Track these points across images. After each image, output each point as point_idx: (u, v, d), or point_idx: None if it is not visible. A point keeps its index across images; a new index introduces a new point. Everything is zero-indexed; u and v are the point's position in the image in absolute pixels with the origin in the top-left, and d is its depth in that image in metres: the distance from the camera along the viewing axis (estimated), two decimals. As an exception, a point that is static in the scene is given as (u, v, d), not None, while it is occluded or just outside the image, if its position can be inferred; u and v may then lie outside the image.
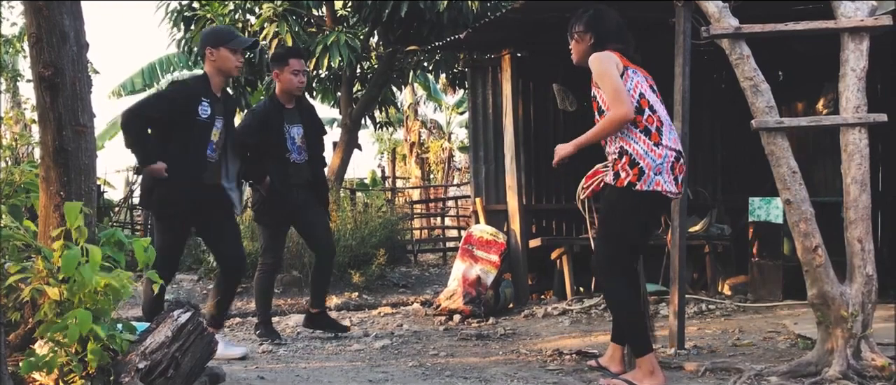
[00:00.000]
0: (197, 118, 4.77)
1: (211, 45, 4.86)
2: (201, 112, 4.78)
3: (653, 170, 3.96)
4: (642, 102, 4.04)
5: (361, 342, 5.80)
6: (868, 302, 4.10)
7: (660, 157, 3.98)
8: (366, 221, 10.04)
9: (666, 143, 4.02)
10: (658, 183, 3.98)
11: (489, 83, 8.30)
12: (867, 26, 4.23)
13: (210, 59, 4.88)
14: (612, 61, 4.04)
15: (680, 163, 4.07)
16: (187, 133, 4.75)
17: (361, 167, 38.78)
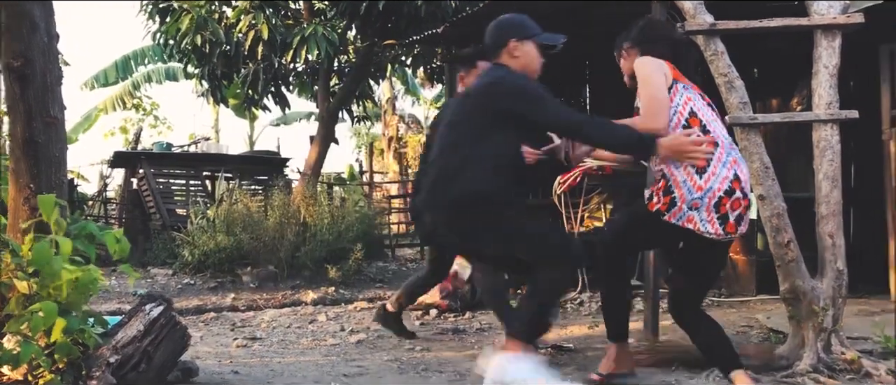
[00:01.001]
0: None
1: (516, 37, 3.90)
2: None
3: (687, 204, 3.44)
4: (692, 121, 3.55)
5: (337, 337, 5.78)
6: (839, 296, 4.14)
7: (700, 191, 3.43)
8: (342, 216, 10.01)
9: (715, 172, 3.46)
10: (691, 219, 3.45)
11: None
12: (840, 24, 4.27)
13: (511, 54, 3.86)
14: (659, 69, 3.60)
15: (735, 199, 3.46)
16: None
17: (339, 161, 38.71)
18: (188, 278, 9.43)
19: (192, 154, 14.13)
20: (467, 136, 3.68)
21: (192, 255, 9.46)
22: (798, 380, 3.93)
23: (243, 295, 8.49)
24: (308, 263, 9.31)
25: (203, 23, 9.70)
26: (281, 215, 9.56)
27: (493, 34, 3.93)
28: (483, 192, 3.59)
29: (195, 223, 9.94)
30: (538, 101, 3.67)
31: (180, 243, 9.73)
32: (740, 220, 3.50)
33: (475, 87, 3.90)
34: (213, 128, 23.60)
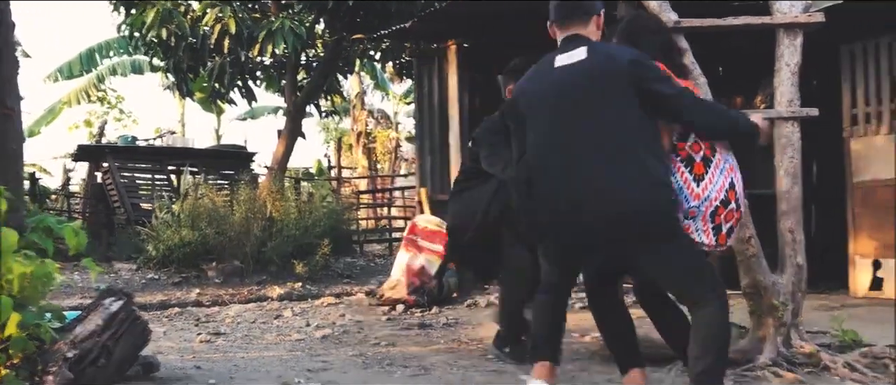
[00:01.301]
0: None
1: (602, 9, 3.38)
2: None
3: (683, 213, 3.14)
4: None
5: (302, 332, 5.75)
6: (798, 291, 4.20)
7: (697, 199, 3.14)
8: (310, 211, 9.96)
9: (712, 180, 3.18)
10: (687, 229, 3.15)
11: (435, 73, 8.30)
12: (801, 23, 4.33)
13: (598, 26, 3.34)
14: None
15: (730, 210, 3.20)
16: None
17: (307, 156, 38.53)
18: (152, 273, 9.33)
19: (157, 148, 13.97)
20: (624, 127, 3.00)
21: (157, 250, 9.36)
22: (758, 373, 3.98)
23: (208, 290, 8.42)
24: (274, 258, 9.26)
25: (168, 15, 9.58)
26: (247, 210, 9.49)
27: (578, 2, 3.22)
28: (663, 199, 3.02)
29: (160, 218, 9.84)
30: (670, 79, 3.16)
31: (145, 238, 9.61)
32: (731, 233, 3.27)
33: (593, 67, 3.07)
34: (179, 121, 23.35)
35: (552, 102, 3.10)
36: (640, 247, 3.01)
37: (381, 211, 17.26)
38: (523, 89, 3.25)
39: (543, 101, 3.13)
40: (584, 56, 3.06)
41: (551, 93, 3.11)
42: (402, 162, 22.52)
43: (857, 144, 7.46)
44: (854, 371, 3.98)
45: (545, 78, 3.16)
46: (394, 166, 22.28)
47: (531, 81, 3.23)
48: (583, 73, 3.06)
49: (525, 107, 3.21)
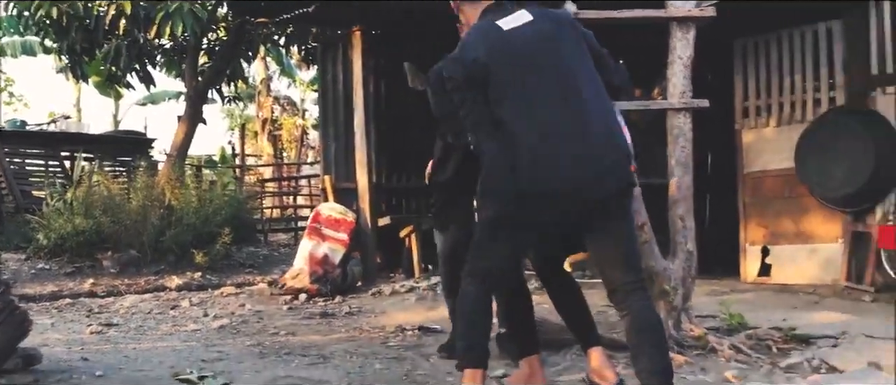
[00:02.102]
0: None
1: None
2: None
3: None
4: None
5: (199, 322, 5.62)
6: (688, 276, 4.34)
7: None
8: (211, 199, 9.71)
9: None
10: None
11: (340, 59, 8.22)
12: (693, 17, 4.46)
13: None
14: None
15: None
16: None
17: (212, 144, 37.57)
18: (43, 263, 8.91)
19: (49, 133, 13.37)
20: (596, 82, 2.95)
21: (48, 239, 8.96)
22: (649, 356, 4.09)
23: (103, 280, 8.12)
24: (173, 248, 8.99)
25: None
26: (145, 198, 9.18)
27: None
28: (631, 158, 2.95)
29: (51, 205, 9.42)
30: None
31: (35, 226, 9.19)
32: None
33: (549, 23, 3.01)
34: (74, 106, 22.41)
35: (526, 66, 2.92)
36: (621, 204, 2.95)
37: (286, 199, 17.00)
38: (481, 55, 2.93)
39: (514, 65, 2.93)
40: (531, 18, 2.98)
41: (521, 56, 2.93)
42: (309, 150, 22.24)
43: (748, 136, 7.77)
44: (739, 352, 4.15)
45: (503, 41, 2.95)
46: (300, 154, 21.97)
47: (486, 47, 2.95)
48: (542, 34, 2.97)
49: (496, 73, 2.92)
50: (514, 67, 2.92)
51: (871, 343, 4.30)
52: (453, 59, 3.04)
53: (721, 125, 8.07)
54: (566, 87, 2.89)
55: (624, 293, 2.92)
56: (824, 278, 6.99)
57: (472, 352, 3.04)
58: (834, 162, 6.67)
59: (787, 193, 7.37)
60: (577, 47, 2.99)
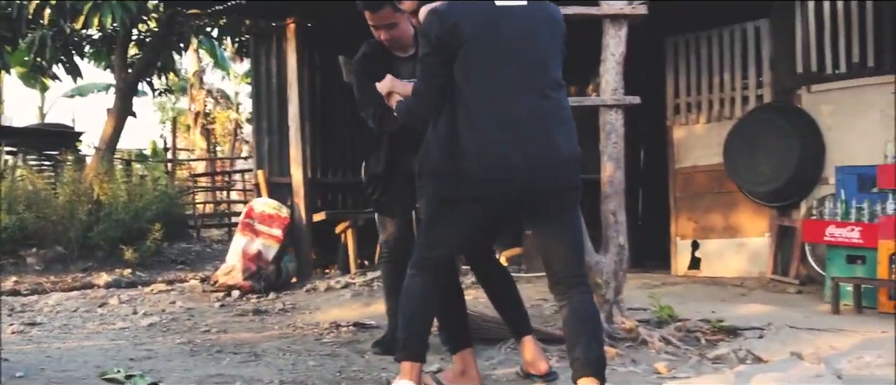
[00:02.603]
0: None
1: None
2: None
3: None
4: None
5: (127, 320, 5.48)
6: (620, 270, 4.40)
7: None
8: (141, 194, 9.50)
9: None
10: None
11: (274, 52, 8.09)
12: (625, 14, 4.52)
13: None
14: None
15: None
16: None
17: (143, 137, 36.69)
18: (-38, 261, 8.60)
19: (-31, 126, 12.89)
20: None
21: (-33, 236, 8.63)
22: (582, 349, 4.14)
23: (27, 278, 7.87)
24: (102, 244, 8.76)
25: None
26: (72, 193, 8.94)
27: None
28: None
29: (-29, 201, 9.08)
30: None
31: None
32: None
33: (538, 13, 2.98)
34: (-3, 98, 21.62)
35: (505, 48, 2.88)
36: (570, 199, 2.98)
37: (220, 195, 16.71)
38: (464, 24, 2.84)
39: (494, 45, 2.88)
40: (526, 2, 2.94)
41: (502, 38, 2.88)
42: (244, 144, 21.90)
43: (679, 132, 7.93)
44: (669, 344, 4.23)
45: (489, 17, 2.88)
46: (234, 148, 21.62)
47: (472, 17, 2.87)
48: (529, 21, 2.93)
49: (472, 46, 2.85)
50: (491, 48, 2.88)
51: (794, 334, 4.44)
52: (437, 12, 2.92)
53: (653, 121, 8.22)
54: (534, 83, 2.90)
55: (566, 286, 2.96)
56: (752, 271, 7.18)
57: (413, 344, 3.03)
58: (761, 158, 6.85)
59: (717, 189, 7.55)
60: (555, 45, 3.00)
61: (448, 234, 3.01)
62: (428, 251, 3.02)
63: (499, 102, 2.86)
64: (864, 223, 5.42)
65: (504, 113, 2.85)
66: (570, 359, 2.93)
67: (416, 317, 3.05)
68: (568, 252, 2.99)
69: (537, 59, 2.93)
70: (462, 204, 2.93)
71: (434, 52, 2.89)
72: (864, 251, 5.39)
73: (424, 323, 3.11)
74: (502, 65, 2.88)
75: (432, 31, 2.89)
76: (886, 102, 6.20)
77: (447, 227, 3.00)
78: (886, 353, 3.91)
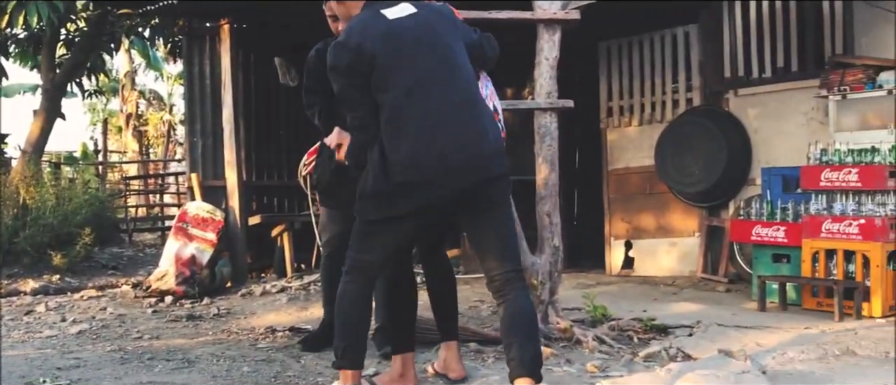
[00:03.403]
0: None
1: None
2: None
3: None
4: None
5: (55, 328, 5.32)
6: (555, 271, 4.47)
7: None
8: (70, 198, 9.22)
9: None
10: None
11: (207, 53, 7.96)
12: (559, 19, 4.60)
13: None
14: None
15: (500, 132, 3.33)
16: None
17: (73, 139, 35.65)
18: None
19: None
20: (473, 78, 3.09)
21: None
22: (518, 350, 4.18)
23: (-53, 287, 7.56)
24: (28, 250, 8.47)
25: None
26: (-5, 197, 8.62)
27: None
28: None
29: None
30: None
31: None
32: None
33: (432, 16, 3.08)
34: (-86, 98, 20.76)
35: (410, 54, 2.96)
36: (498, 191, 3.01)
37: (153, 198, 16.37)
38: (367, 43, 2.94)
39: (399, 52, 2.96)
40: (415, 10, 3.04)
41: (406, 44, 2.97)
42: (177, 146, 21.48)
43: (612, 135, 8.08)
44: (602, 343, 4.31)
45: (387, 31, 2.98)
46: (168, 151, 21.20)
47: (372, 35, 2.96)
48: (425, 25, 3.03)
49: (381, 59, 2.93)
50: (398, 56, 2.95)
51: (723, 331, 4.57)
52: (339, 44, 3.01)
53: (588, 124, 8.36)
54: (446, 78, 2.97)
55: (502, 282, 3.00)
56: (683, 270, 7.36)
57: (351, 352, 3.05)
58: (690, 160, 7.03)
59: (649, 190, 7.71)
60: (455, 38, 3.07)
61: (380, 240, 3.04)
62: (360, 255, 3.05)
63: (419, 105, 2.91)
64: (788, 223, 5.60)
65: (426, 114, 2.91)
66: (506, 358, 2.98)
67: (352, 324, 3.06)
68: (502, 248, 3.03)
69: (444, 55, 3.00)
70: (392, 222, 2.97)
71: (351, 81, 2.97)
72: (789, 250, 5.58)
73: (362, 329, 3.11)
74: (413, 70, 2.94)
75: (341, 62, 2.97)
76: (810, 106, 6.43)
77: (375, 243, 3.04)
78: (809, 349, 4.06)
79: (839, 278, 5.17)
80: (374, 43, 2.94)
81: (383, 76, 2.93)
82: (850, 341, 4.19)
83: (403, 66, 2.94)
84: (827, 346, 4.09)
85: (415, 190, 2.91)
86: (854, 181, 5.16)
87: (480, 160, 2.93)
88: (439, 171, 2.89)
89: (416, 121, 2.90)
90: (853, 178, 5.16)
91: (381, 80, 2.93)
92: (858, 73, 5.56)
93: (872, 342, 4.17)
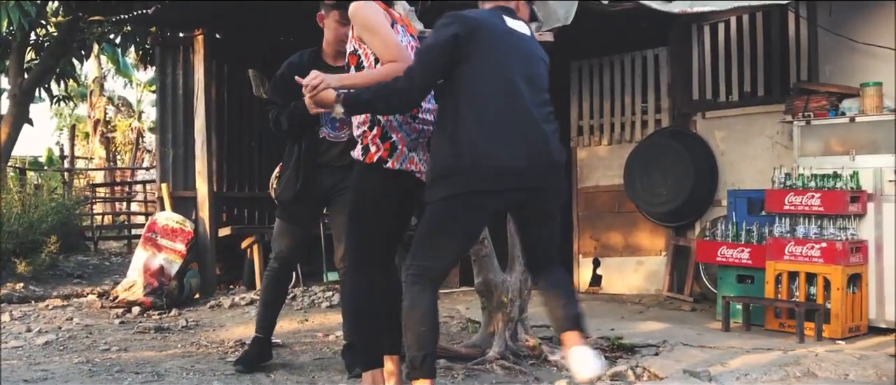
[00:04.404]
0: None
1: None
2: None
3: (407, 146, 3.43)
4: None
5: (21, 338, 5.26)
6: (525, 288, 4.53)
7: (415, 132, 3.44)
8: (36, 205, 9.13)
9: (423, 116, 3.46)
10: (412, 161, 3.44)
11: (180, 63, 7.93)
12: (533, 40, 4.66)
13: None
14: (377, 10, 3.43)
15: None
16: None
17: (38, 144, 35.10)
18: None
19: None
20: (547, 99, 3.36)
21: None
22: (487, 366, 4.24)
23: None
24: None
25: None
26: (-41, 203, 8.50)
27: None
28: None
29: None
30: None
31: None
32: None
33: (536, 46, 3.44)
34: None
35: (515, 56, 3.25)
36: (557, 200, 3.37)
37: (119, 206, 16.20)
38: (482, 29, 3.20)
39: (507, 52, 3.23)
40: (528, 33, 3.40)
41: (513, 48, 3.26)
42: (146, 153, 21.26)
43: (582, 153, 8.18)
44: (570, 362, 4.35)
45: (503, 32, 3.26)
46: (136, 158, 20.97)
47: (488, 28, 3.23)
48: (529, 44, 3.36)
49: (482, 46, 3.18)
50: (501, 57, 3.20)
51: (687, 350, 4.65)
52: (458, 15, 3.23)
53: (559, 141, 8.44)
54: (533, 93, 3.25)
55: (541, 268, 3.38)
56: (649, 289, 7.46)
57: (430, 361, 3.15)
58: (659, 180, 7.14)
59: (617, 208, 7.81)
60: (544, 72, 3.39)
61: (454, 237, 3.21)
62: (425, 263, 3.16)
63: (507, 105, 3.16)
64: (752, 245, 5.72)
65: (512, 115, 3.16)
66: (551, 319, 3.40)
67: (429, 330, 3.16)
68: (547, 247, 3.38)
69: (535, 76, 3.30)
70: (471, 200, 3.12)
71: (444, 49, 3.15)
72: (753, 271, 5.69)
73: (435, 337, 3.26)
74: (509, 73, 3.20)
75: (450, 29, 3.17)
76: (775, 130, 6.57)
77: (455, 229, 3.18)
78: (771, 370, 4.16)
79: (801, 300, 5.28)
80: (487, 34, 3.20)
81: (482, 67, 3.16)
82: (811, 363, 4.30)
83: (505, 67, 3.20)
84: (788, 368, 4.19)
85: (491, 174, 3.10)
86: (816, 205, 5.29)
87: (547, 171, 3.23)
88: (514, 167, 3.12)
89: (504, 119, 3.14)
90: (816, 202, 5.29)
91: (479, 69, 3.16)
92: (822, 100, 5.70)
93: (832, 364, 4.28)
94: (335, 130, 4.17)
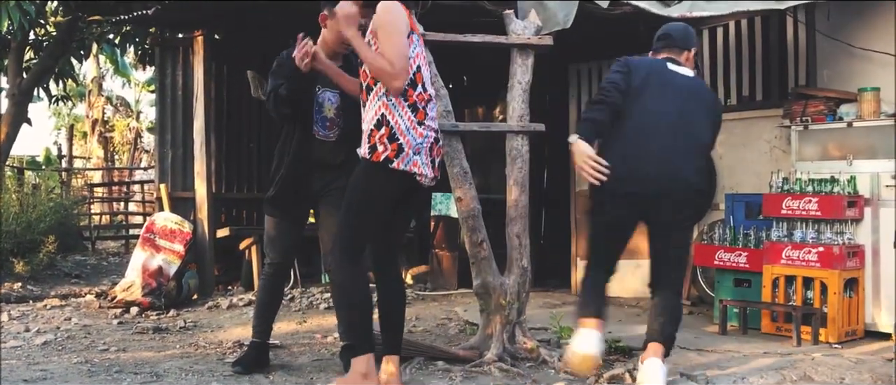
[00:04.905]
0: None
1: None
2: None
3: (412, 149, 3.57)
4: (417, 77, 3.65)
5: (20, 338, 5.27)
6: (523, 291, 4.54)
7: (421, 137, 3.60)
8: (34, 204, 9.13)
9: (429, 123, 3.66)
10: (415, 163, 3.58)
11: (180, 64, 7.95)
12: (533, 44, 4.69)
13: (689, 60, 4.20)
14: (403, 17, 3.61)
15: (438, 146, 3.75)
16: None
17: (36, 144, 35.08)
18: None
19: None
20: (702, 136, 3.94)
21: None
22: (485, 369, 4.25)
23: None
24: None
25: None
26: (-43, 202, 8.50)
27: (684, 33, 4.18)
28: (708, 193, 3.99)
29: None
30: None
31: None
32: (436, 165, 3.75)
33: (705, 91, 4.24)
34: None
35: (673, 92, 3.90)
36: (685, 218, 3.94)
37: (117, 206, 16.20)
38: (642, 69, 3.94)
39: (665, 86, 3.91)
40: (692, 75, 4.04)
41: (672, 85, 3.92)
42: (144, 153, 21.26)
43: (580, 156, 8.16)
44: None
45: (664, 71, 3.97)
46: (134, 158, 20.96)
47: (649, 69, 3.97)
48: (691, 85, 4.00)
49: (643, 81, 3.88)
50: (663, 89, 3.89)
51: (685, 354, 4.67)
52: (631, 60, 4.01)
53: (557, 144, 8.43)
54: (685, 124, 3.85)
55: (656, 286, 3.95)
56: (647, 292, 7.41)
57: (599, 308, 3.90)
58: (656, 183, 7.13)
59: (615, 211, 7.80)
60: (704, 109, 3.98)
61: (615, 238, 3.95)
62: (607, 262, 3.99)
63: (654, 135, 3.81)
64: (750, 249, 5.74)
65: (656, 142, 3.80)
66: (648, 326, 3.89)
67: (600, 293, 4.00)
68: (662, 264, 3.94)
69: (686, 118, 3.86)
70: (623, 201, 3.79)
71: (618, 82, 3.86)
72: (750, 275, 5.71)
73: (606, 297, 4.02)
74: (664, 109, 3.85)
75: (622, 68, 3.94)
76: (773, 134, 6.59)
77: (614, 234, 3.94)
78: (768, 374, 4.17)
79: (798, 304, 5.30)
80: (651, 76, 3.92)
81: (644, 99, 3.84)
82: (807, 367, 4.32)
83: (661, 106, 3.85)
84: (785, 372, 4.21)
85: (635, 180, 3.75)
86: (814, 210, 5.31)
87: (675, 186, 3.79)
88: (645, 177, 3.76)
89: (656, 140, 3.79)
90: (813, 207, 5.31)
91: (642, 100, 3.84)
92: (820, 105, 5.72)
93: (828, 369, 4.30)
94: (325, 130, 4.22)
